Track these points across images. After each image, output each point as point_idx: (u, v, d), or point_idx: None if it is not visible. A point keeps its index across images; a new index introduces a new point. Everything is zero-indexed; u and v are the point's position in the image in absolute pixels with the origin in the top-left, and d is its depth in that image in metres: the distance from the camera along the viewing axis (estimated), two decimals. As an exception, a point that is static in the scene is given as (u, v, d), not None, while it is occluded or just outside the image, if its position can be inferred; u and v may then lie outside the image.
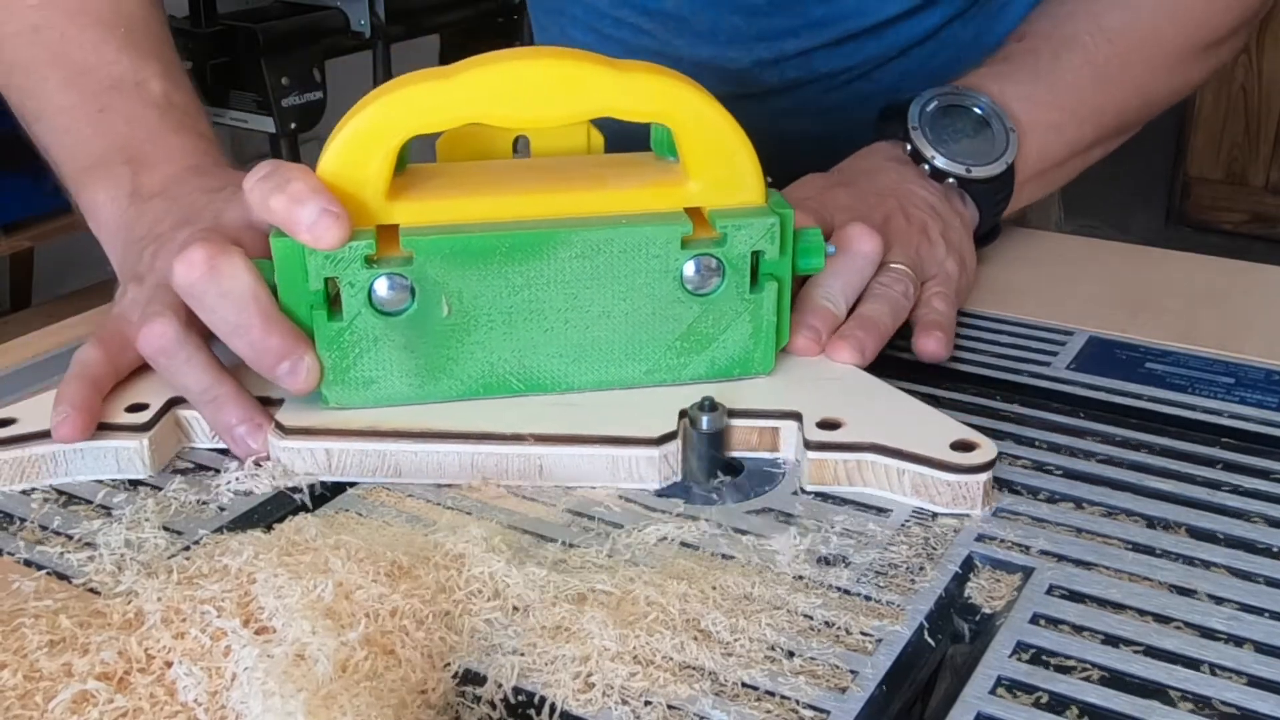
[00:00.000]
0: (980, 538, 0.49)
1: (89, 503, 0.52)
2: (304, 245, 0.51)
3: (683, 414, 0.53)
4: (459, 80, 0.52)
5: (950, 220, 0.69)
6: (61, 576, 0.46)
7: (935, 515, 0.51)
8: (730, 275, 0.55)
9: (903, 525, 0.50)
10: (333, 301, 0.53)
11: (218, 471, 0.54)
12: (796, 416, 0.54)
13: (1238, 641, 0.43)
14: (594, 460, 0.52)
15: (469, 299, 0.53)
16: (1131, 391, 0.60)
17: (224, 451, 0.55)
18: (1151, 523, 0.50)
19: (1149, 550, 0.48)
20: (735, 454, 0.55)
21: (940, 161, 0.69)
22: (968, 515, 0.50)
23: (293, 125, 2.19)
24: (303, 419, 0.53)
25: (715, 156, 0.55)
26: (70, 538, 0.49)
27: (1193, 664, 0.42)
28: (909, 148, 0.70)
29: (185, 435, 0.56)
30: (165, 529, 0.49)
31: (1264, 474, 0.53)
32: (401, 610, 0.42)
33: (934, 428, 0.52)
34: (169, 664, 0.40)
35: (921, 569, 0.47)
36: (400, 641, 0.41)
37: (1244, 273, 0.75)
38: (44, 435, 0.53)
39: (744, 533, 0.49)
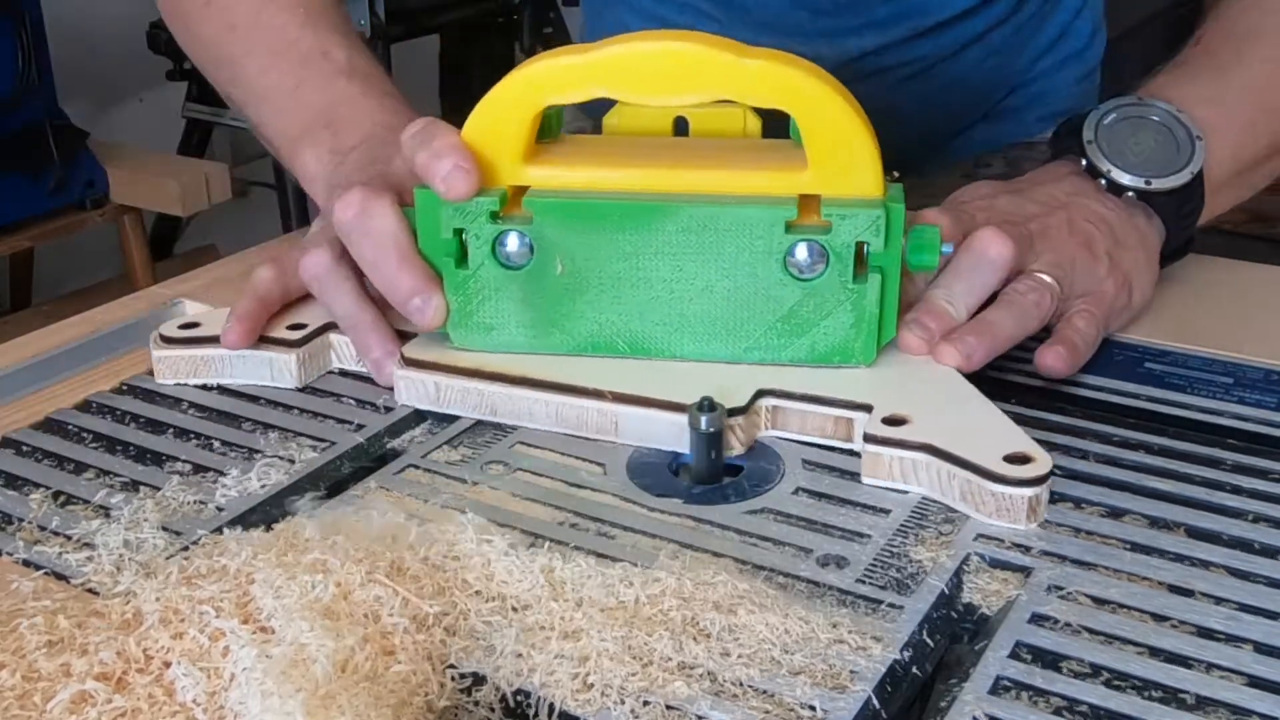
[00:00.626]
0: (980, 537, 0.49)
1: (88, 503, 0.52)
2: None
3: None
4: (591, 57, 0.55)
5: (1125, 238, 0.65)
6: (60, 577, 0.46)
7: (935, 515, 0.51)
8: (834, 263, 0.55)
9: (902, 525, 0.50)
10: (464, 251, 0.57)
11: (220, 473, 0.54)
12: (869, 409, 0.54)
13: (1237, 641, 0.43)
14: (664, 424, 0.54)
15: (581, 261, 0.57)
16: (1131, 391, 0.60)
17: (365, 379, 0.61)
18: (1151, 523, 0.50)
19: (1148, 550, 0.48)
20: (810, 440, 0.56)
21: (1118, 174, 0.65)
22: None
23: (293, 125, 2.19)
24: (422, 354, 0.59)
25: (833, 145, 0.55)
26: (69, 538, 0.49)
27: (1192, 664, 0.42)
28: (1084, 163, 0.67)
29: (337, 356, 0.63)
30: (164, 529, 0.49)
31: (1263, 474, 0.53)
32: (400, 610, 0.42)
33: (996, 436, 0.52)
34: (167, 664, 0.40)
35: (921, 569, 0.47)
36: (399, 642, 0.41)
37: (1244, 273, 0.75)
38: (215, 340, 0.61)
39: (744, 533, 0.49)
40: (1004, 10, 0.89)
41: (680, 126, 0.65)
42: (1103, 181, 0.66)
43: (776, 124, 0.61)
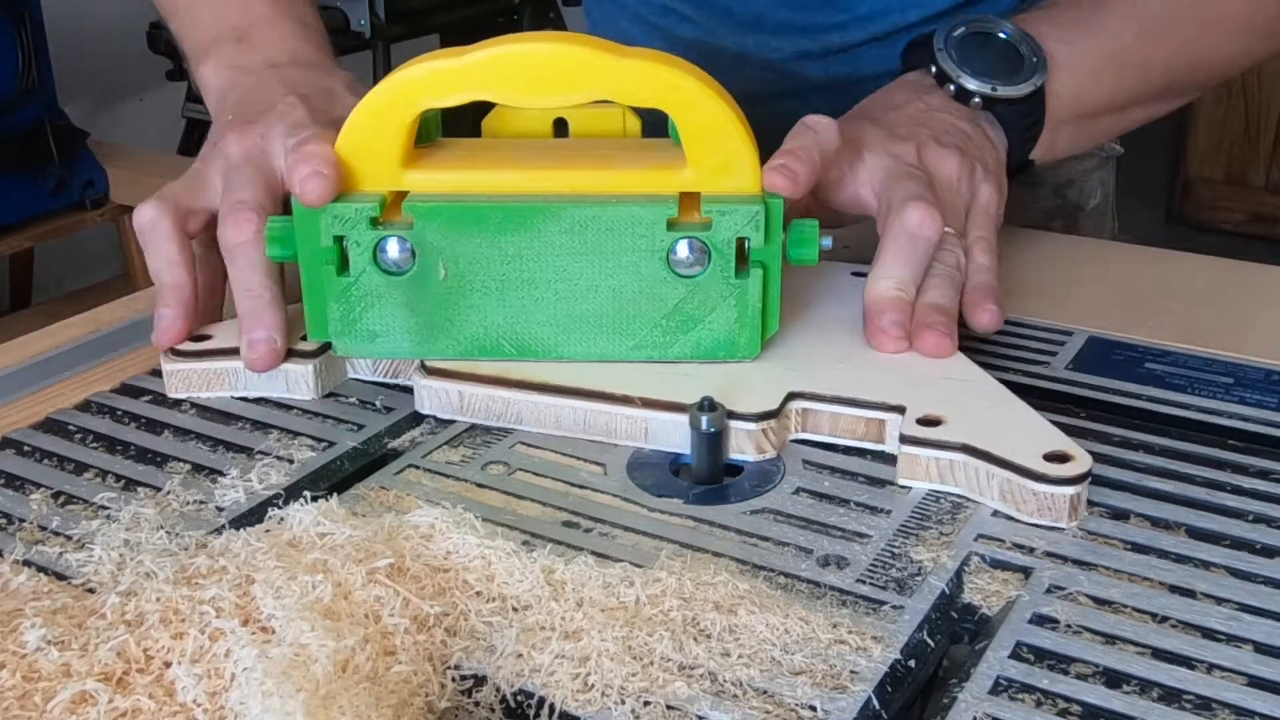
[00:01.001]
0: (980, 538, 0.49)
1: (88, 503, 0.52)
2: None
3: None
4: (468, 60, 0.55)
5: (983, 147, 0.67)
6: (60, 576, 0.46)
7: (935, 516, 0.51)
8: (716, 259, 0.56)
9: (903, 526, 0.50)
10: (344, 259, 0.57)
11: (220, 473, 0.54)
12: (901, 410, 0.54)
13: (1238, 642, 0.43)
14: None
15: (464, 264, 0.57)
16: (1131, 391, 0.60)
17: (364, 379, 0.62)
18: (1152, 523, 0.50)
19: (1149, 550, 0.48)
20: (842, 441, 0.56)
21: (966, 79, 0.68)
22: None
23: (293, 125, 2.19)
24: (443, 363, 0.58)
25: (711, 143, 0.55)
26: (69, 538, 0.49)
27: (1193, 664, 0.42)
28: (934, 70, 0.69)
29: (352, 366, 0.62)
30: (164, 529, 0.49)
31: (1264, 474, 0.53)
32: (401, 611, 0.42)
33: (1033, 435, 0.52)
34: (168, 664, 0.40)
35: (921, 569, 0.47)
36: (400, 642, 0.41)
37: (1244, 273, 0.75)
38: (227, 353, 0.60)
39: (744, 533, 0.49)
40: (993, 10, 0.88)
41: (560, 128, 0.65)
42: (951, 88, 0.69)
43: (656, 124, 0.61)
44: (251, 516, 0.51)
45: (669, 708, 0.40)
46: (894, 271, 0.60)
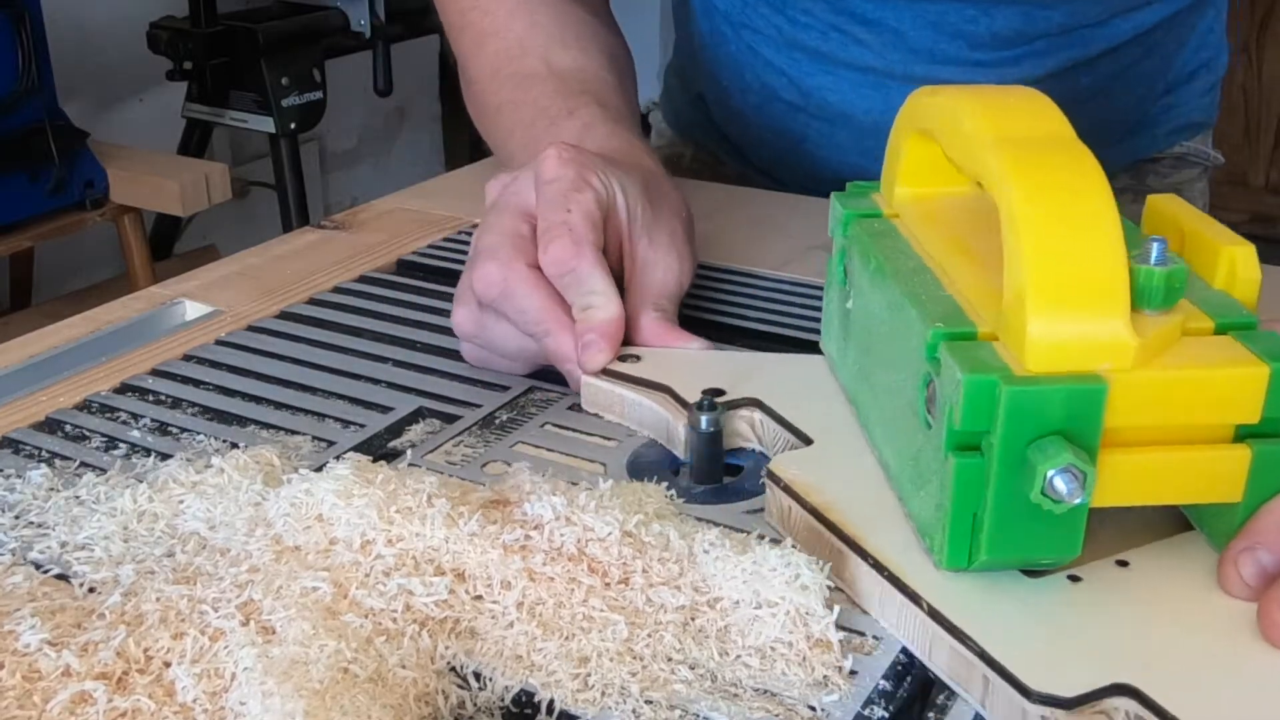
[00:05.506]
0: (980, 537, 0.49)
1: (88, 501, 0.52)
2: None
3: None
4: (932, 96, 0.50)
5: None
6: (60, 576, 0.46)
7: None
8: (940, 419, 0.42)
9: (902, 525, 0.50)
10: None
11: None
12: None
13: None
14: (973, 671, 0.41)
15: (859, 303, 0.53)
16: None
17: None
18: (1151, 522, 0.50)
19: (1149, 550, 0.48)
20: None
21: None
22: None
23: (293, 125, 2.20)
24: (786, 472, 0.50)
25: (1012, 283, 0.41)
26: (69, 536, 0.49)
27: (1193, 664, 0.42)
28: None
29: (755, 436, 0.56)
30: (166, 528, 0.49)
31: (1264, 474, 0.53)
32: (402, 611, 0.42)
33: None
34: (168, 664, 0.40)
35: (921, 569, 0.47)
36: (400, 642, 0.41)
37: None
38: (646, 385, 0.57)
39: (743, 532, 0.49)
40: (1160, 34, 0.86)
41: None
42: None
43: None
44: (252, 515, 0.51)
45: (669, 707, 0.40)
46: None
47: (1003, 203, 0.42)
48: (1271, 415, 0.41)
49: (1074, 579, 0.43)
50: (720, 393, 0.55)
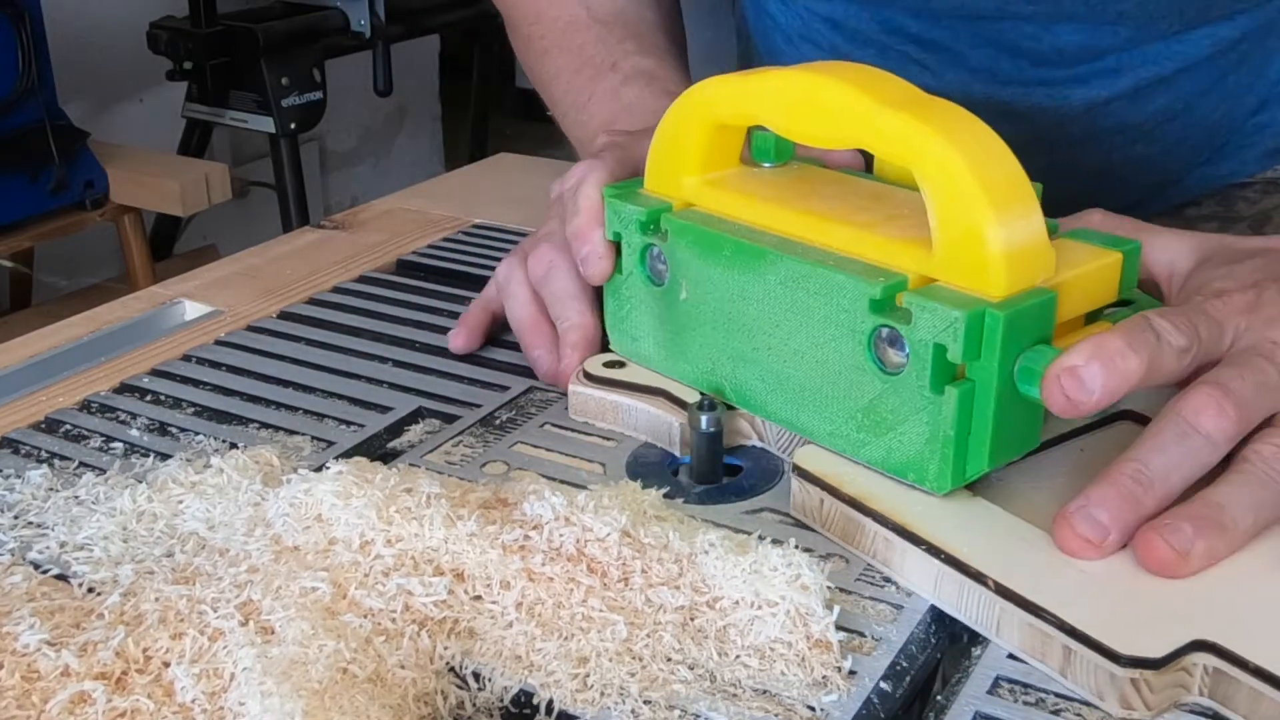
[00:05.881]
0: (979, 537, 0.49)
1: (88, 501, 0.52)
2: (609, 196, 0.57)
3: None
4: (748, 78, 0.53)
5: None
6: (60, 576, 0.46)
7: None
8: (913, 362, 0.46)
9: (902, 525, 0.50)
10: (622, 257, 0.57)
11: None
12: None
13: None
14: (1050, 643, 0.42)
15: (701, 291, 0.54)
16: (1131, 391, 0.60)
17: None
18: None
19: (1148, 550, 0.48)
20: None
21: None
22: None
23: (293, 125, 2.20)
24: (813, 466, 0.50)
25: (956, 227, 0.46)
26: (69, 537, 0.49)
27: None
28: None
29: (756, 433, 0.56)
30: (166, 528, 0.49)
31: (1263, 474, 0.53)
32: (401, 611, 0.42)
33: None
34: (167, 664, 0.40)
35: (920, 569, 0.47)
36: (400, 643, 0.41)
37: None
38: (633, 388, 0.57)
39: (743, 532, 0.49)
40: (1247, 48, 0.79)
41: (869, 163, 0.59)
42: None
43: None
44: (252, 516, 0.51)
45: (669, 707, 0.40)
46: (1141, 450, 0.45)
47: (923, 156, 0.46)
48: (1124, 294, 0.50)
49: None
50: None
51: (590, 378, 0.58)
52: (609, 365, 0.59)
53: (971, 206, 0.45)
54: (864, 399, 0.49)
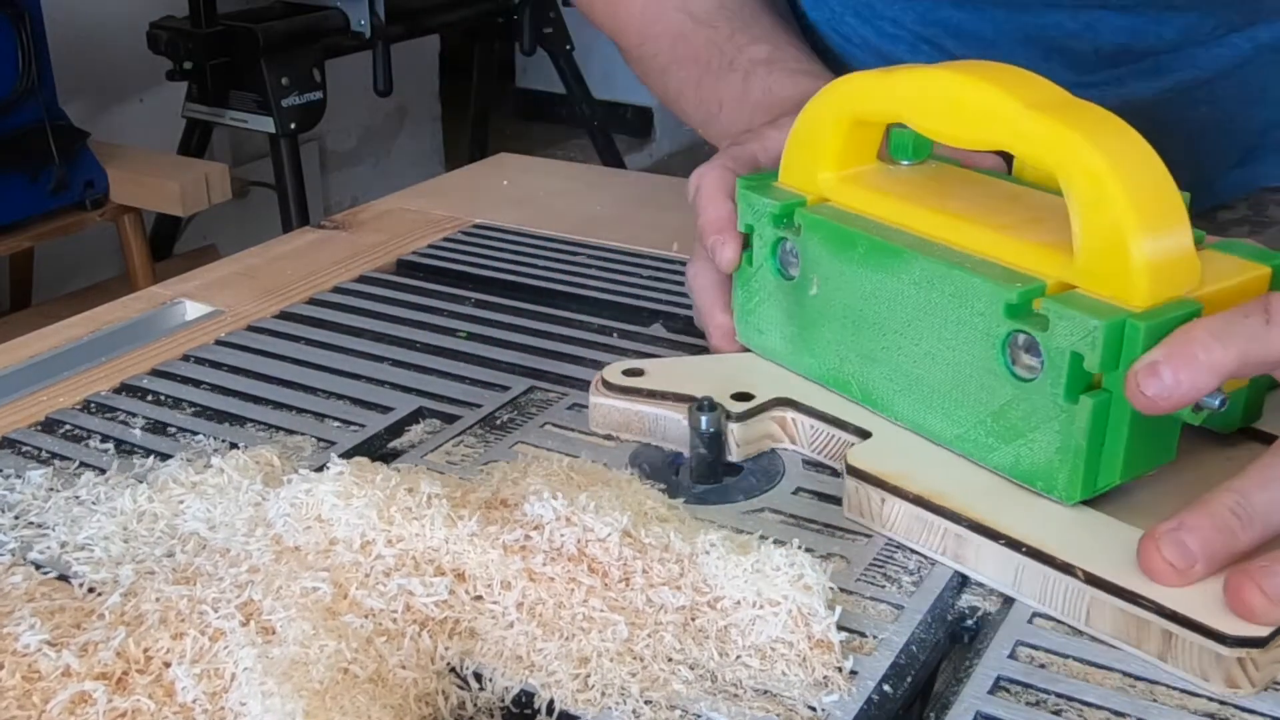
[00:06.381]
0: (980, 537, 0.49)
1: (88, 501, 0.51)
2: (743, 188, 0.57)
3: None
4: (890, 76, 0.53)
5: None
6: (60, 577, 0.46)
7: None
8: (1049, 369, 0.46)
9: (902, 525, 0.50)
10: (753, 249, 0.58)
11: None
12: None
13: (1238, 641, 0.43)
14: (1147, 628, 0.42)
15: (832, 287, 0.54)
16: (1131, 391, 0.60)
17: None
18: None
19: (1149, 550, 0.48)
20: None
21: None
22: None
23: (293, 125, 2.19)
24: (866, 465, 0.50)
25: (1099, 235, 0.45)
26: (69, 537, 0.49)
27: (1193, 664, 0.42)
28: None
29: (788, 436, 0.56)
30: (166, 528, 0.49)
31: (1264, 474, 0.53)
32: (402, 611, 0.42)
33: None
34: (167, 664, 0.40)
35: (921, 568, 0.47)
36: (400, 643, 0.41)
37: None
38: (657, 396, 0.56)
39: (744, 532, 0.49)
40: (1264, 61, 0.78)
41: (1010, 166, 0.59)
42: None
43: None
44: (253, 515, 0.51)
45: (669, 707, 0.40)
46: (1243, 483, 0.43)
47: (1069, 162, 0.46)
48: None
49: None
50: (749, 396, 0.55)
51: (611, 387, 0.57)
52: (629, 374, 0.57)
53: (1116, 214, 0.45)
54: (995, 404, 0.48)
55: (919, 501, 0.48)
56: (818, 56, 0.77)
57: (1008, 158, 0.59)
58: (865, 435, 0.52)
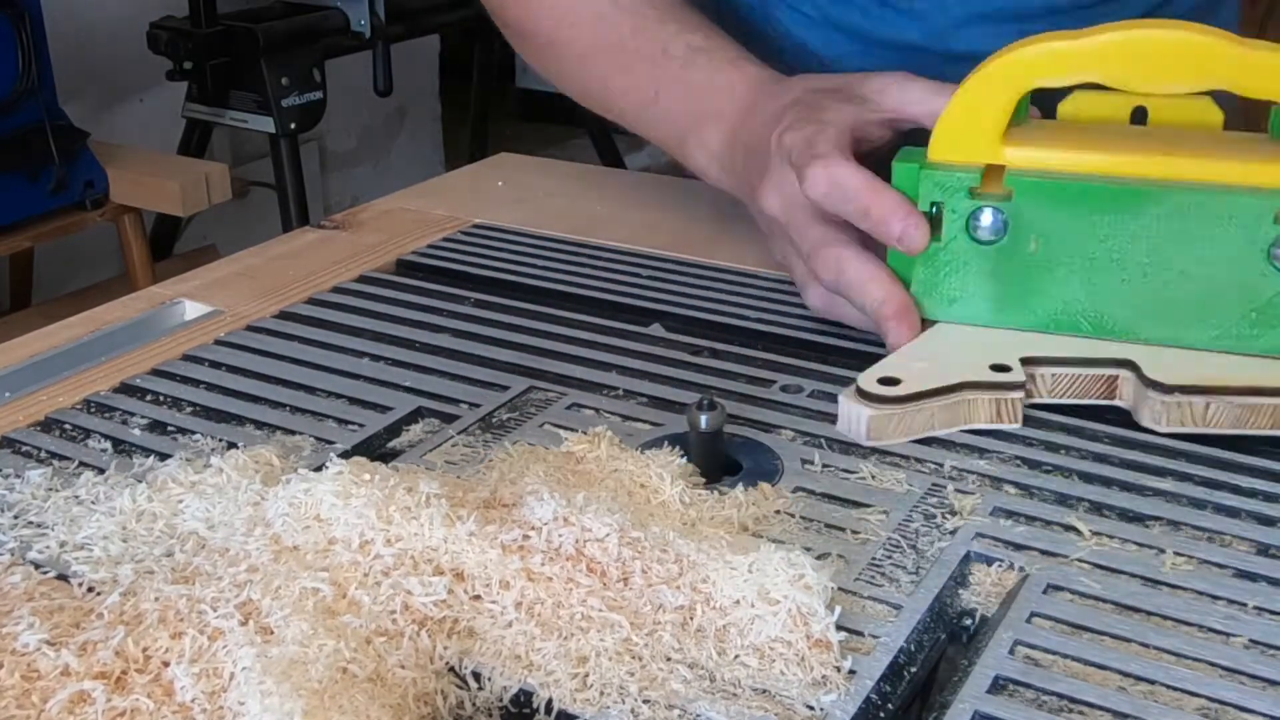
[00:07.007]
0: (979, 537, 0.49)
1: (87, 501, 0.52)
2: (919, 169, 0.60)
3: None
4: (1090, 41, 0.57)
5: None
6: (60, 576, 0.46)
7: (935, 515, 0.51)
8: None
9: (902, 524, 0.50)
10: (933, 224, 0.60)
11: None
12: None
13: (1238, 639, 0.43)
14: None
15: (1056, 240, 0.59)
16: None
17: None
18: (1149, 522, 0.50)
19: (1147, 549, 0.48)
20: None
21: None
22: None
23: (293, 125, 2.20)
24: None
25: None
26: (68, 536, 0.49)
27: (1191, 662, 0.42)
28: None
29: (967, 416, 0.57)
30: (165, 528, 0.49)
31: (1263, 473, 0.53)
32: (401, 611, 0.42)
33: None
34: (166, 664, 0.40)
35: (920, 568, 0.47)
36: (399, 642, 0.41)
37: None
38: (925, 395, 0.56)
39: (745, 532, 0.49)
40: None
41: (1138, 116, 0.65)
42: None
43: (1232, 119, 0.63)
44: (253, 515, 0.51)
45: (668, 706, 0.40)
46: None
47: None
48: None
49: None
50: (1005, 367, 0.57)
51: (871, 398, 0.56)
52: (884, 382, 0.56)
53: None
54: (1260, 300, 0.57)
55: (1247, 391, 0.54)
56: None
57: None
58: (1127, 365, 0.57)
